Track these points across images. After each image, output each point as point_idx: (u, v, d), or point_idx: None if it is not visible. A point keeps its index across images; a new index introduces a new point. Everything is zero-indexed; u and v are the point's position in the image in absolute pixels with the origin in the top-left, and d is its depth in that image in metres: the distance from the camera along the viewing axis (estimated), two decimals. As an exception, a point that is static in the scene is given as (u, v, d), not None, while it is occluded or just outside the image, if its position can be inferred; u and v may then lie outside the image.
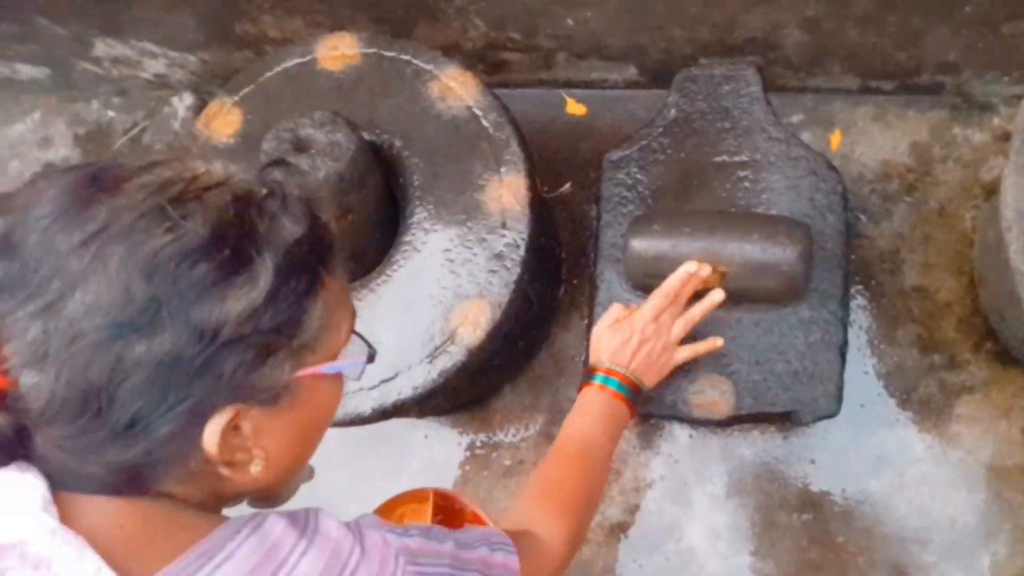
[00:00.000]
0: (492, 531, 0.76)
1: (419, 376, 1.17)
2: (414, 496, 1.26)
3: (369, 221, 1.23)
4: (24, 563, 0.47)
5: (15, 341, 0.50)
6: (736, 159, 1.34)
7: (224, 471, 0.55)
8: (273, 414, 0.56)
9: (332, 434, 0.94)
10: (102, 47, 1.73)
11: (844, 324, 1.26)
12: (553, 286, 1.54)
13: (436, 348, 1.17)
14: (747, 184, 1.33)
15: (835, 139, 1.49)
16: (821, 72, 1.42)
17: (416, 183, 1.24)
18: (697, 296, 1.20)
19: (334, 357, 0.60)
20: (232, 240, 0.52)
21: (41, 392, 0.50)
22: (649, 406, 1.30)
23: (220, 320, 0.51)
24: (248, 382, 0.53)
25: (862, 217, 1.45)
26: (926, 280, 1.42)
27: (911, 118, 1.47)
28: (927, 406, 1.38)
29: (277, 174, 0.61)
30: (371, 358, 0.64)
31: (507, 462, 1.52)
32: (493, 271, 1.18)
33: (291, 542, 0.55)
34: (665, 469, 1.46)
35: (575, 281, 1.57)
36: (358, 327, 0.65)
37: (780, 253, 1.19)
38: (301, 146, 1.14)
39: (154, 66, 1.79)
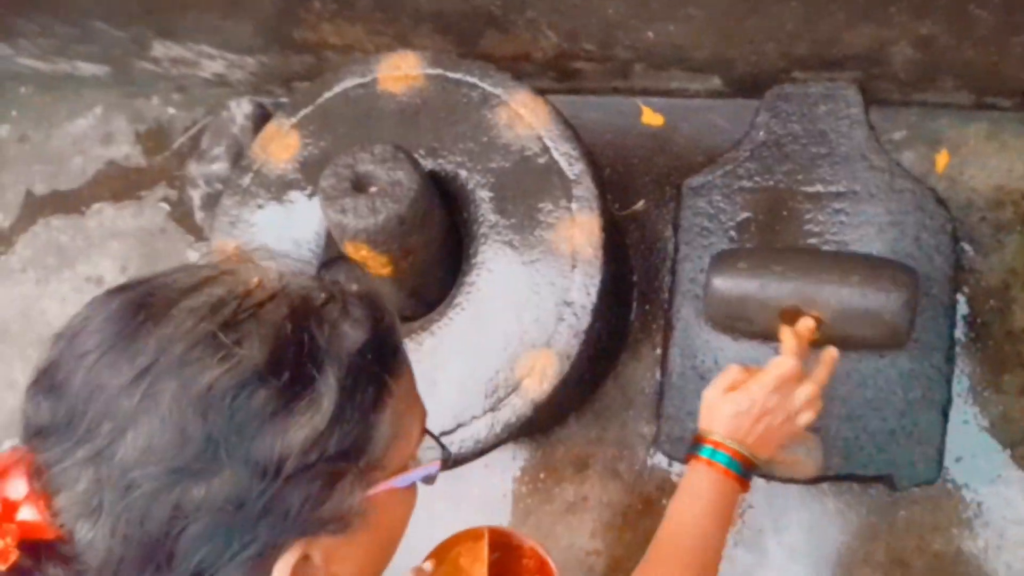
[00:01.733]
0: None
1: (481, 430, 1.11)
2: (469, 535, 1.21)
3: (432, 259, 1.15)
4: None
5: (66, 491, 0.46)
6: (832, 189, 1.22)
7: None
8: (344, 540, 0.52)
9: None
10: (160, 48, 1.68)
11: (948, 380, 1.14)
12: (624, 313, 1.45)
13: (500, 400, 1.11)
14: (843, 218, 1.20)
15: (941, 159, 1.34)
16: (931, 87, 1.28)
17: (481, 219, 1.15)
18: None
19: (406, 467, 0.56)
20: (291, 361, 0.48)
21: (97, 549, 0.46)
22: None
23: (283, 453, 0.47)
24: (316, 516, 0.50)
25: (968, 249, 1.32)
26: (1039, 322, 1.28)
27: (1031, 139, 1.32)
28: (1034, 462, 1.26)
29: (336, 273, 0.54)
30: (446, 463, 0.60)
31: (570, 497, 1.46)
32: (561, 319, 1.10)
33: None
34: (740, 514, 1.37)
35: (647, 307, 1.48)
36: (419, 375, 0.60)
37: (883, 300, 1.07)
38: (360, 184, 1.07)
39: (212, 66, 1.74)
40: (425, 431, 0.59)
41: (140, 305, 0.49)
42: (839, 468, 1.15)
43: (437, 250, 1.15)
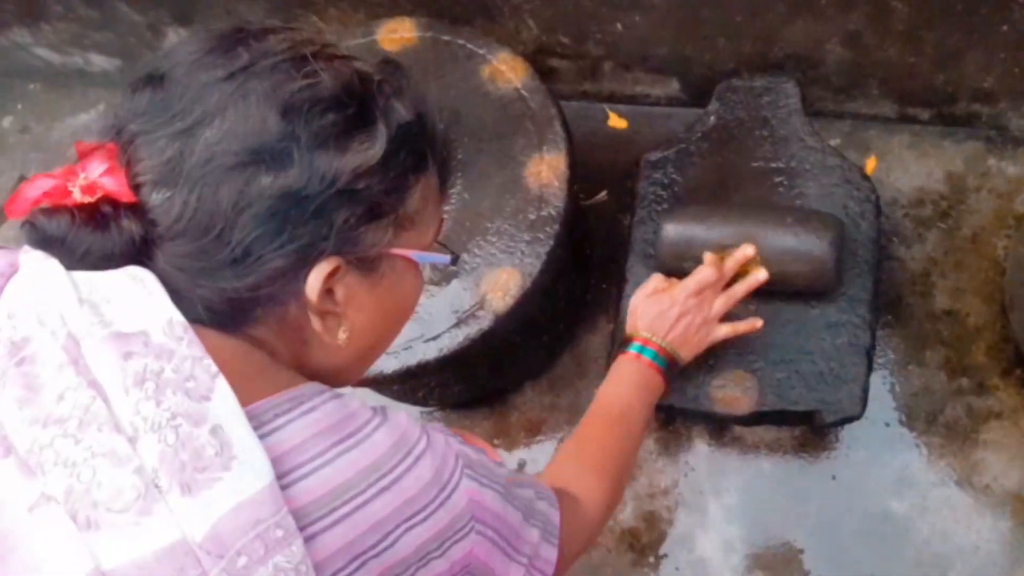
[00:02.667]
0: (538, 481, 0.76)
1: (445, 339, 1.19)
2: None
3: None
4: (148, 350, 0.49)
5: (149, 160, 0.53)
6: (772, 165, 1.37)
7: (316, 325, 0.58)
8: (366, 284, 0.59)
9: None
10: (172, 36, 1.82)
11: (872, 329, 1.26)
12: (581, 285, 1.56)
13: (465, 312, 1.19)
14: (782, 189, 1.35)
15: (870, 164, 1.51)
16: (860, 95, 1.46)
17: (459, 156, 1.28)
18: (736, 277, 1.21)
19: (425, 249, 0.63)
20: (357, 102, 0.56)
21: (172, 208, 0.53)
22: (670, 398, 1.29)
23: (340, 168, 0.54)
24: (355, 236, 0.56)
25: (895, 240, 1.46)
26: (957, 304, 1.41)
27: (947, 148, 1.49)
28: (953, 430, 1.36)
29: (393, 69, 0.63)
30: (454, 261, 0.67)
31: (522, 459, 1.51)
32: (527, 242, 1.21)
33: (367, 416, 0.57)
34: (681, 477, 1.44)
35: (603, 285, 1.59)
36: None
37: (813, 239, 1.20)
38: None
39: (218, 61, 1.88)
40: (437, 236, 0.66)
41: (240, 28, 0.58)
42: (772, 404, 1.24)
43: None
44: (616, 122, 1.68)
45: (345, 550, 0.51)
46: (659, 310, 1.09)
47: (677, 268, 1.30)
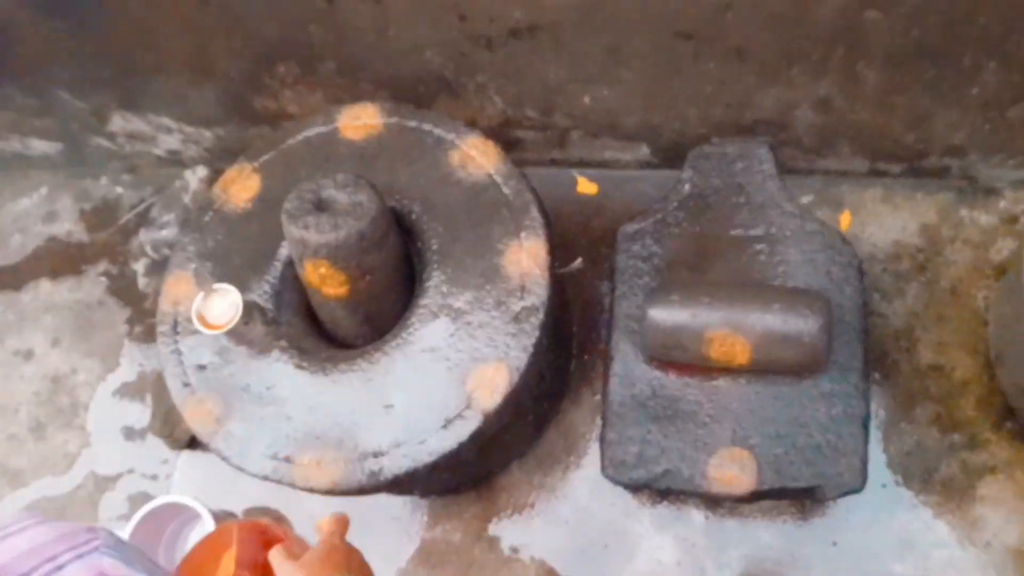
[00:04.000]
0: None
1: (434, 443, 1.13)
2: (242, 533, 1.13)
3: (387, 283, 1.21)
4: None
5: None
6: (751, 233, 1.35)
7: None
8: None
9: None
10: (119, 121, 1.75)
11: (866, 397, 1.24)
12: (564, 360, 1.52)
13: (452, 414, 1.14)
14: (763, 257, 1.33)
15: (845, 219, 1.51)
16: (831, 153, 1.45)
17: (434, 247, 1.23)
18: (722, 368, 1.18)
19: None
20: None
21: None
22: (665, 480, 1.26)
23: None
24: None
25: (875, 296, 1.46)
26: (942, 359, 1.41)
27: (919, 200, 1.49)
28: (949, 487, 1.35)
29: None
30: None
31: (514, 544, 1.46)
32: (512, 334, 1.16)
33: None
34: (681, 553, 1.40)
35: (585, 357, 1.55)
36: (369, 393, 0.60)
37: (802, 324, 1.18)
38: (323, 206, 1.14)
39: (168, 141, 1.81)
40: None
41: None
42: (772, 482, 1.21)
43: (392, 274, 1.22)
44: (586, 187, 1.65)
45: None
46: (318, 561, 0.85)
47: (665, 356, 1.27)
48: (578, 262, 1.61)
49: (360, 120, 1.33)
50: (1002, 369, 1.35)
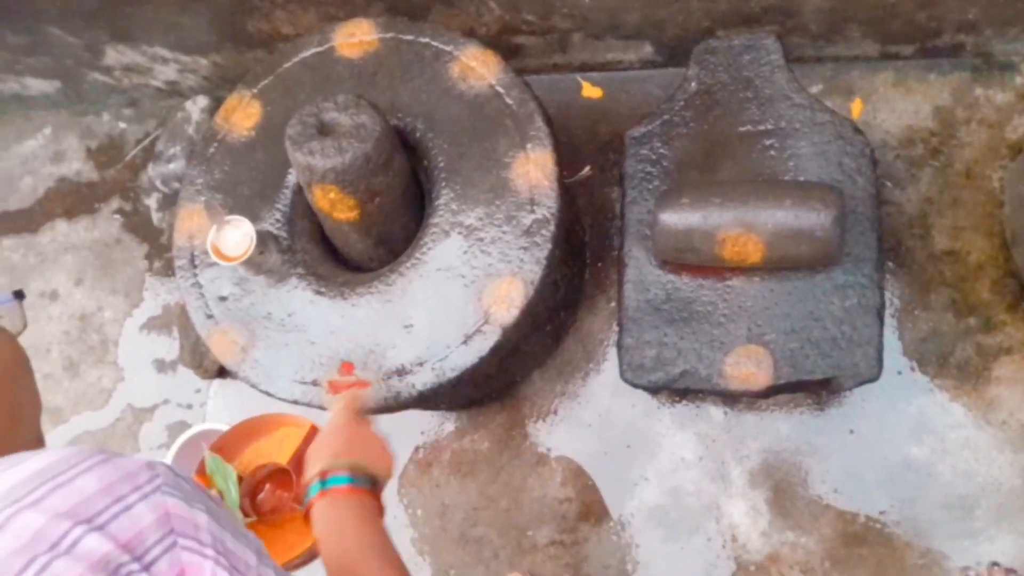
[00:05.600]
0: None
1: (456, 359, 1.16)
2: (296, 422, 1.28)
3: (397, 204, 1.21)
4: None
5: None
6: (761, 128, 1.33)
7: None
8: None
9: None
10: (113, 55, 1.72)
11: (880, 287, 1.24)
12: (578, 269, 1.53)
13: (471, 330, 1.16)
14: (773, 152, 1.31)
15: (856, 107, 1.47)
16: (840, 39, 1.41)
17: (441, 164, 1.22)
18: (735, 267, 1.18)
19: None
20: None
21: None
22: (685, 380, 1.28)
23: None
24: None
25: (888, 184, 1.44)
26: (956, 243, 1.40)
27: (932, 82, 1.46)
28: (965, 370, 1.36)
29: None
30: (19, 295, 0.59)
31: (540, 450, 1.50)
32: (524, 248, 1.17)
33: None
34: (702, 448, 1.44)
35: (599, 264, 1.56)
36: (389, 315, 0.60)
37: (814, 218, 1.17)
38: (326, 130, 1.13)
39: (165, 72, 1.79)
40: None
41: None
42: (788, 376, 1.23)
43: (401, 195, 1.22)
44: (590, 91, 1.62)
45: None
46: (323, 442, 0.86)
47: (677, 259, 1.27)
48: (586, 170, 1.60)
49: (355, 37, 1.30)
50: (1018, 249, 1.34)
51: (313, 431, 1.06)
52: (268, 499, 1.24)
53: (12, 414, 0.59)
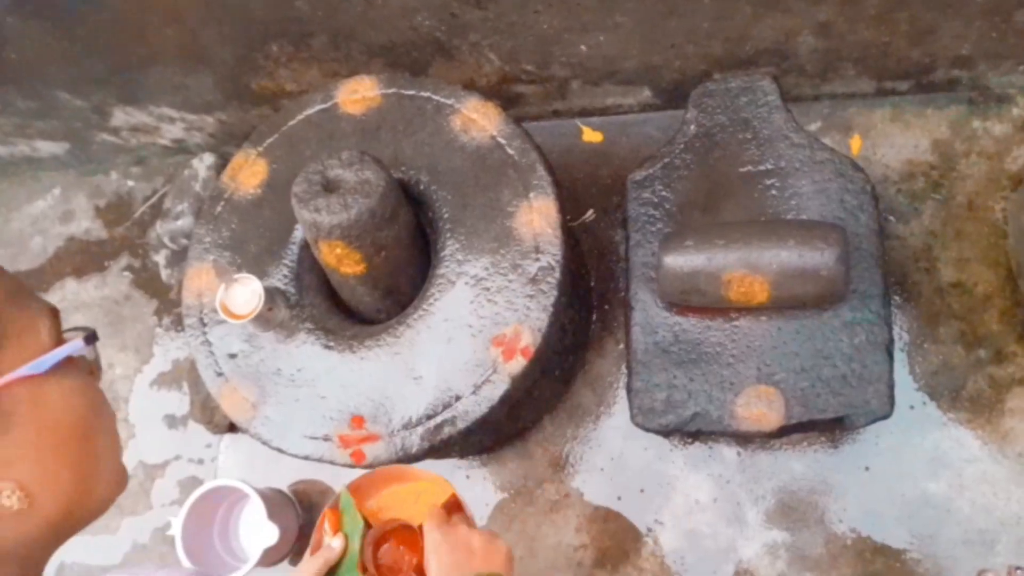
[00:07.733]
0: None
1: (466, 409, 1.16)
2: (436, 480, 1.21)
3: (403, 256, 1.22)
4: None
5: None
6: (761, 168, 1.34)
7: None
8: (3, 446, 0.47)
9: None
10: (120, 116, 1.75)
11: (888, 322, 1.24)
12: (585, 312, 1.53)
13: (480, 379, 1.16)
14: (775, 192, 1.32)
15: (855, 143, 1.49)
16: (836, 77, 1.42)
17: (446, 215, 1.24)
18: (742, 308, 1.18)
19: (43, 351, 0.50)
20: None
21: None
22: (697, 424, 1.28)
23: None
24: None
25: (891, 218, 1.45)
26: (963, 275, 1.40)
27: (929, 116, 1.47)
28: (978, 402, 1.36)
29: None
30: (91, 338, 0.54)
31: (552, 496, 1.49)
32: (530, 296, 1.17)
33: None
34: (716, 490, 1.43)
35: (606, 307, 1.56)
36: (398, 367, 0.59)
37: (819, 257, 1.18)
38: (331, 187, 1.15)
39: (172, 131, 1.82)
40: (56, 323, 0.53)
41: None
42: (800, 416, 1.22)
43: (407, 247, 1.23)
44: (591, 136, 1.64)
45: None
46: (444, 564, 0.87)
47: (683, 301, 1.28)
48: (589, 213, 1.62)
49: (358, 94, 1.32)
50: (1024, 280, 1.34)
51: (454, 499, 1.03)
52: (389, 553, 1.20)
53: (87, 464, 0.54)
